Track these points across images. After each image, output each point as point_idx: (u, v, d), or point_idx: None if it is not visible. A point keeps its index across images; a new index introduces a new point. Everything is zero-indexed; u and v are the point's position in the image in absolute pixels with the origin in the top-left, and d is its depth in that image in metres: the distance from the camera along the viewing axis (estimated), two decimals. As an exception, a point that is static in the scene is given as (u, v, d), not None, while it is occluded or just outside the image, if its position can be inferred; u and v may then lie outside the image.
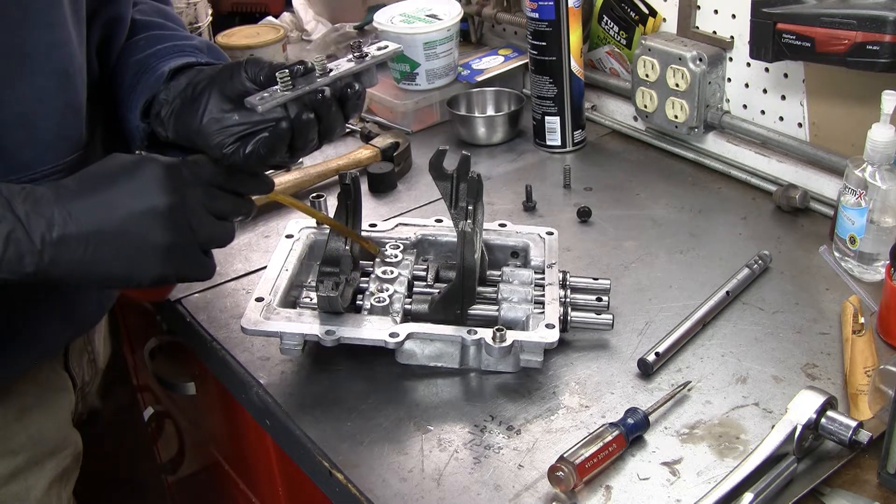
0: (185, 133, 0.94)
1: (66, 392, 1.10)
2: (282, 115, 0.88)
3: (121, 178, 0.84)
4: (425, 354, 1.03)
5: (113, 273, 0.84)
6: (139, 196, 0.83)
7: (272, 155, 0.90)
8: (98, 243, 0.82)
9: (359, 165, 1.49)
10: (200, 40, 1.06)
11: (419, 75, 1.62)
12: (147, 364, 1.48)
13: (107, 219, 0.82)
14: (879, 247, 1.13)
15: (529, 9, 1.48)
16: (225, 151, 0.90)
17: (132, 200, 0.83)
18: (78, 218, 0.81)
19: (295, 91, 0.88)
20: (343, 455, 0.94)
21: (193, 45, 1.02)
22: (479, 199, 1.11)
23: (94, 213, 0.82)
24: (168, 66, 0.97)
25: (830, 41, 1.14)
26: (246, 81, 0.92)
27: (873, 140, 1.10)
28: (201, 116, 0.91)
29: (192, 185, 0.87)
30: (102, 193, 0.83)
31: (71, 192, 0.82)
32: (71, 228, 0.80)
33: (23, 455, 1.02)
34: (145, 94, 0.98)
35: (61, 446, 1.07)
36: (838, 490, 0.87)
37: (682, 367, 1.04)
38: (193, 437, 1.57)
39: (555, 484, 0.88)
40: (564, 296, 1.07)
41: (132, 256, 0.84)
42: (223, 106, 0.91)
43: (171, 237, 0.84)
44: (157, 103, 0.97)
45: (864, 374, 0.97)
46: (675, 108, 1.44)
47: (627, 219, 1.34)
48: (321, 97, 0.88)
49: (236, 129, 0.90)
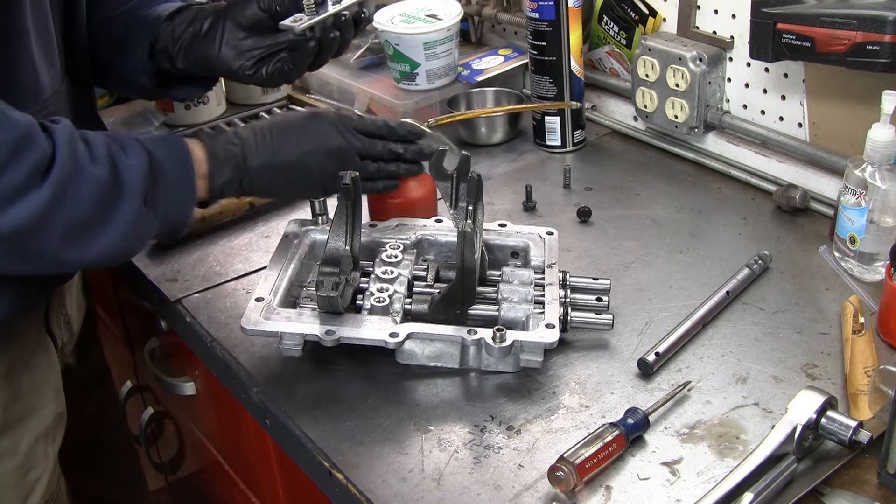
0: (202, 62, 1.13)
1: (49, 352, 1.15)
2: (309, 35, 1.09)
3: (304, 124, 1.09)
4: (425, 354, 1.03)
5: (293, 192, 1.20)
6: (317, 138, 1.09)
7: (297, 71, 1.13)
8: (287, 172, 1.09)
9: (359, 165, 1.48)
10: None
11: (419, 75, 1.62)
12: (147, 364, 1.48)
13: (295, 152, 1.08)
14: (879, 247, 1.13)
15: (529, 9, 1.48)
16: (247, 73, 1.12)
17: (313, 140, 1.08)
18: (276, 152, 1.07)
19: (320, 15, 1.09)
20: (343, 455, 0.94)
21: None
22: (479, 199, 1.11)
23: (287, 149, 1.08)
24: (165, 10, 1.15)
25: (830, 41, 1.14)
26: (259, 11, 1.10)
27: (873, 140, 1.10)
28: (219, 45, 1.11)
29: (354, 134, 1.11)
30: (293, 135, 1.08)
31: (269, 134, 1.08)
32: (271, 159, 1.07)
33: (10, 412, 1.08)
34: (147, 36, 1.14)
35: (47, 406, 1.12)
36: (838, 490, 0.87)
37: (682, 367, 1.04)
38: (193, 437, 1.57)
39: (555, 484, 0.88)
40: (564, 296, 1.07)
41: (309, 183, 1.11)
42: (238, 34, 1.11)
43: (338, 167, 1.08)
44: (161, 40, 1.14)
45: (864, 374, 0.97)
46: (675, 108, 1.44)
47: (627, 219, 1.34)
48: (343, 19, 1.10)
49: (255, 52, 1.11)
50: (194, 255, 1.32)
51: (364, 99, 1.69)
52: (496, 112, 1.57)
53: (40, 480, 1.13)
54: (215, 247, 1.33)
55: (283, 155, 1.08)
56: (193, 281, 1.26)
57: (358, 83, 1.70)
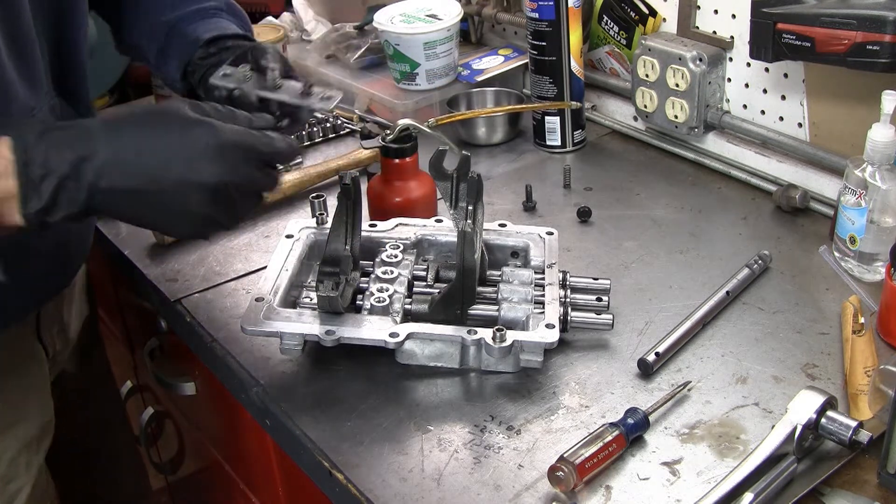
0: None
1: (38, 361, 1.13)
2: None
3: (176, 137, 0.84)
4: (425, 354, 1.03)
5: (153, 225, 0.94)
6: (191, 165, 0.84)
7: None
8: (143, 202, 0.84)
9: (359, 165, 1.49)
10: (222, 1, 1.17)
11: (419, 75, 1.62)
12: (147, 364, 1.48)
13: (157, 179, 0.83)
14: (879, 247, 1.13)
15: (529, 9, 1.48)
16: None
17: (184, 168, 0.83)
18: (128, 171, 0.82)
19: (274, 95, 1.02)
20: (343, 455, 0.94)
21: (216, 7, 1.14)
22: (479, 199, 1.11)
23: (145, 170, 0.83)
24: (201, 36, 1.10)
25: (830, 41, 1.14)
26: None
27: (873, 140, 1.10)
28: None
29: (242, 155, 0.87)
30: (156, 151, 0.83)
31: (125, 139, 0.83)
32: (119, 182, 0.82)
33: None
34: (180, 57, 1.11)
35: (32, 415, 1.09)
36: (838, 490, 0.87)
37: (682, 367, 1.04)
38: (193, 437, 1.57)
39: (555, 484, 0.88)
40: (564, 296, 1.07)
41: (172, 219, 0.87)
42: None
43: (214, 210, 0.86)
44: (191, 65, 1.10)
45: (864, 374, 0.97)
46: (675, 108, 1.44)
47: (627, 219, 1.34)
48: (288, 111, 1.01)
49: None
50: (194, 255, 1.32)
51: (364, 99, 1.69)
52: (496, 112, 1.57)
53: (21, 491, 1.09)
54: (215, 247, 1.33)
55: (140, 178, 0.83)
56: (193, 281, 1.26)
57: (358, 83, 1.70)
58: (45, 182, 0.79)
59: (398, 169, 1.23)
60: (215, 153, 0.84)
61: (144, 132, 0.84)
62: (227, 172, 0.85)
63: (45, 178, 0.79)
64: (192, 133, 0.84)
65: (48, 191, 0.79)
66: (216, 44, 1.10)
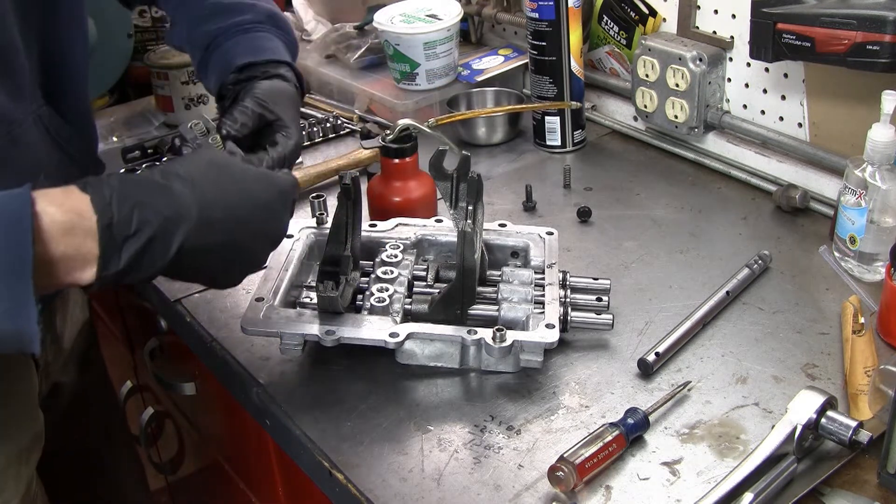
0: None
1: (28, 373, 1.08)
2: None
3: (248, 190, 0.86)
4: (425, 354, 1.03)
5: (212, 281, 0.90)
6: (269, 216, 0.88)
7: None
8: (219, 257, 0.85)
9: (359, 165, 1.49)
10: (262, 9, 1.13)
11: (419, 75, 1.62)
12: (147, 364, 1.48)
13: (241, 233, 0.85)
14: (879, 247, 1.13)
15: (529, 9, 1.48)
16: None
17: (262, 220, 0.87)
18: (215, 228, 0.82)
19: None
20: (343, 455, 0.94)
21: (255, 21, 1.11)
22: (479, 199, 1.11)
23: (231, 226, 0.84)
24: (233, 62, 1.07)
25: (830, 41, 1.14)
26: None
27: (873, 140, 1.10)
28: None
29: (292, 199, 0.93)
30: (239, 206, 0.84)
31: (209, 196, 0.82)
32: (205, 241, 0.81)
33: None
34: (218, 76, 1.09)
35: (21, 427, 1.06)
36: (838, 490, 0.87)
37: (682, 367, 1.04)
38: (193, 437, 1.57)
39: (555, 484, 0.88)
40: (564, 296, 1.07)
41: (237, 270, 0.90)
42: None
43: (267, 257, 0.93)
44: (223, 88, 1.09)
45: (864, 374, 0.97)
46: (675, 108, 1.44)
47: (627, 219, 1.34)
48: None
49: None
50: (194, 255, 1.31)
51: (364, 99, 1.69)
52: (496, 112, 1.57)
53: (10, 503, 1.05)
54: (215, 247, 1.33)
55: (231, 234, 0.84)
56: (193, 281, 1.26)
57: (358, 83, 1.70)
58: (130, 242, 0.75)
59: (398, 169, 1.23)
60: (280, 203, 0.89)
61: (222, 188, 0.83)
62: (287, 219, 0.92)
63: (130, 239, 0.75)
64: (263, 188, 0.87)
65: (131, 252, 0.75)
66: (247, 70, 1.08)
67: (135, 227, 0.75)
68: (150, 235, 0.76)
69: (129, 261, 0.75)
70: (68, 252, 0.72)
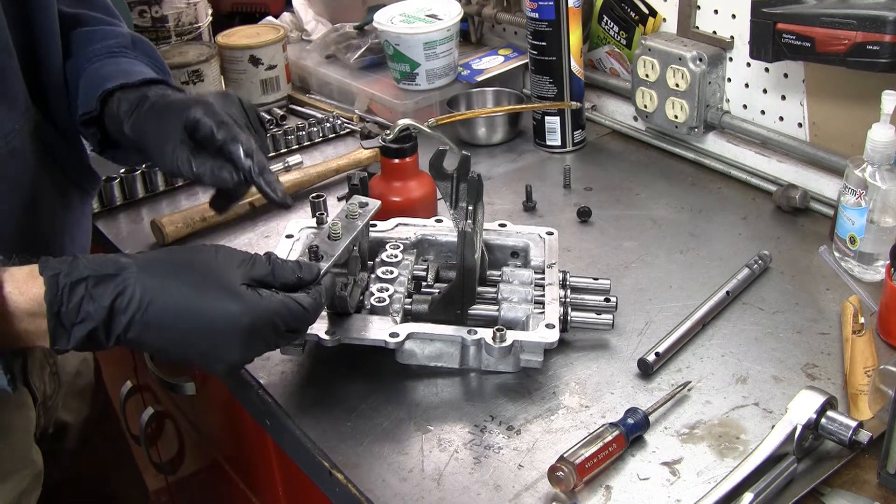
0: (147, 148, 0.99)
1: (25, 409, 1.05)
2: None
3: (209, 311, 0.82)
4: (425, 354, 1.03)
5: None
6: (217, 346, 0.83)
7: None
8: (169, 354, 0.85)
9: (359, 165, 1.49)
10: (123, 35, 1.09)
11: (419, 75, 1.62)
12: (147, 364, 1.48)
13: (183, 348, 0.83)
14: (879, 247, 1.13)
15: (529, 9, 1.48)
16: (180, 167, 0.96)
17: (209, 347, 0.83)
18: (157, 334, 0.82)
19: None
20: (343, 455, 0.94)
21: (121, 45, 1.07)
22: (479, 199, 1.11)
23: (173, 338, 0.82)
24: (102, 89, 1.00)
25: (830, 41, 1.14)
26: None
27: (873, 140, 1.10)
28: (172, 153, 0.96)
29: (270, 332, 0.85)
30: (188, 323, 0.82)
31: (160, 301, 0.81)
32: (147, 340, 0.82)
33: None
34: (85, 107, 1.01)
35: (19, 467, 1.03)
36: (838, 490, 0.87)
37: (682, 367, 1.04)
38: (193, 437, 1.57)
39: (555, 484, 0.88)
40: (564, 296, 1.07)
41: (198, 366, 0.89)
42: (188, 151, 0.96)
43: (247, 355, 0.86)
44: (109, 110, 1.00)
45: (864, 374, 0.97)
46: (675, 108, 1.44)
47: (627, 219, 1.34)
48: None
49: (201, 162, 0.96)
50: (194, 255, 1.31)
51: (364, 99, 1.69)
52: (496, 112, 1.57)
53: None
54: (215, 247, 1.33)
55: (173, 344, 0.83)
56: (193, 281, 1.25)
57: (358, 83, 1.70)
58: (77, 328, 0.80)
59: (398, 169, 1.23)
60: (242, 338, 0.83)
61: (179, 297, 0.82)
62: (249, 354, 0.86)
63: (77, 326, 0.80)
64: (225, 311, 0.82)
65: (78, 336, 0.80)
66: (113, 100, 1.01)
67: (80, 317, 0.80)
68: (94, 326, 0.80)
69: (77, 342, 0.80)
70: (29, 328, 0.80)
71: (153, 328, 0.81)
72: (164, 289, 0.82)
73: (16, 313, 0.79)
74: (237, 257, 0.87)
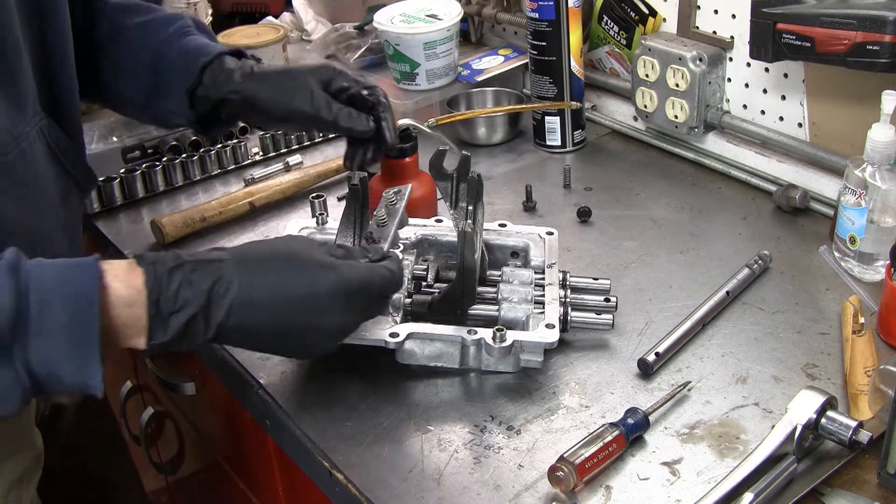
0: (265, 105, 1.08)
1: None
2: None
3: (306, 283, 0.86)
4: (425, 354, 1.03)
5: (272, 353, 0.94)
6: (319, 313, 0.87)
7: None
8: (268, 338, 0.87)
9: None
10: (185, 17, 1.16)
11: (419, 75, 1.62)
12: (147, 364, 1.48)
13: (285, 322, 0.86)
14: (879, 247, 1.13)
15: (529, 9, 1.48)
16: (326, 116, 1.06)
17: (312, 316, 0.86)
18: (258, 313, 0.84)
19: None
20: (343, 455, 0.94)
21: (188, 26, 1.14)
22: (479, 199, 1.11)
23: (275, 313, 0.85)
24: (198, 65, 1.09)
25: (830, 41, 1.14)
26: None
27: (873, 140, 1.10)
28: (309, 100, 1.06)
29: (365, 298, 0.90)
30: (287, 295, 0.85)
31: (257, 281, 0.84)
32: (247, 322, 0.84)
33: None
34: (183, 87, 1.09)
35: (20, 448, 1.04)
36: (838, 490, 0.87)
37: (682, 367, 1.04)
38: (193, 437, 1.57)
39: (555, 484, 0.88)
40: (564, 296, 1.07)
41: (293, 351, 0.94)
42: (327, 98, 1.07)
43: (349, 321, 0.90)
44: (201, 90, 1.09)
45: (864, 374, 0.97)
46: (675, 108, 1.44)
47: (627, 219, 1.34)
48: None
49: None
50: (194, 255, 1.31)
51: (364, 99, 1.69)
52: (496, 112, 1.57)
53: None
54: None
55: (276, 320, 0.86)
56: (193, 281, 1.25)
57: (358, 83, 1.70)
58: (175, 317, 0.80)
59: (398, 169, 1.23)
60: (342, 302, 0.87)
61: (276, 275, 0.85)
62: (350, 319, 0.90)
63: (175, 315, 0.80)
64: (322, 280, 0.86)
65: (176, 326, 0.81)
66: (215, 66, 1.09)
67: (179, 304, 0.81)
68: (193, 312, 0.81)
69: (174, 333, 0.81)
70: (127, 322, 0.79)
71: (255, 309, 0.83)
72: (260, 270, 0.85)
73: (116, 303, 0.78)
74: (313, 241, 0.93)
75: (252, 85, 1.08)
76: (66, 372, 0.76)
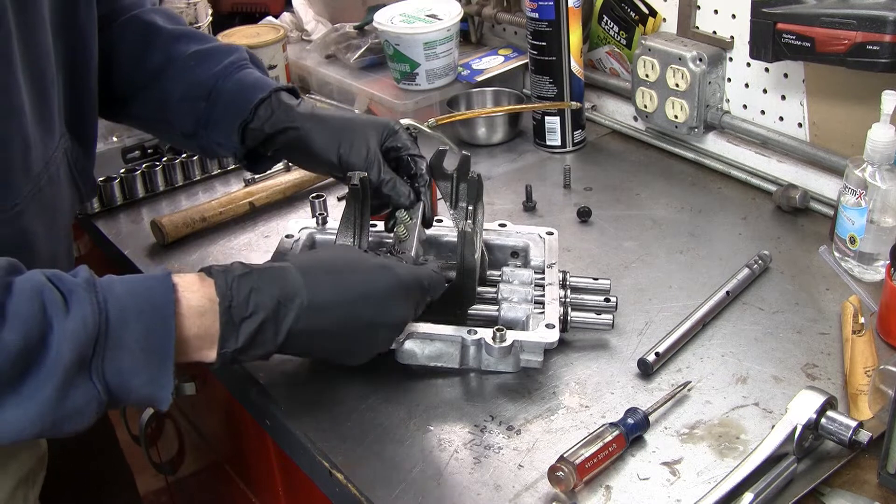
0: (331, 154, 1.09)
1: None
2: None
3: (365, 282, 0.91)
4: (425, 354, 1.03)
5: (335, 358, 0.97)
6: (382, 308, 0.92)
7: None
8: (333, 340, 0.91)
9: (359, 165, 1.49)
10: (241, 49, 1.16)
11: (419, 75, 1.62)
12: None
13: (351, 320, 0.90)
14: (879, 247, 1.13)
15: (529, 9, 1.48)
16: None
17: (375, 311, 0.91)
18: (325, 314, 0.88)
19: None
20: (343, 455, 0.94)
21: (244, 59, 1.14)
22: (479, 199, 1.11)
23: (341, 312, 0.89)
24: (252, 98, 1.09)
25: (830, 41, 1.14)
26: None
27: (873, 140, 1.10)
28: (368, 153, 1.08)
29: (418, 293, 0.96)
30: (350, 295, 0.90)
31: (322, 284, 0.89)
32: (316, 324, 0.88)
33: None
34: (236, 119, 1.09)
35: (24, 448, 1.04)
36: (838, 490, 0.87)
37: (682, 367, 1.04)
38: (193, 437, 1.57)
39: (555, 484, 0.88)
40: (564, 296, 1.07)
41: (357, 352, 0.95)
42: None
43: (409, 313, 0.96)
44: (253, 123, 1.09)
45: (864, 374, 0.97)
46: (675, 108, 1.44)
47: (627, 219, 1.34)
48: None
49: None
50: (194, 255, 1.32)
51: (364, 99, 1.69)
52: (496, 112, 1.57)
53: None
54: (215, 246, 1.33)
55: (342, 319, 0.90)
56: (193, 281, 1.25)
57: (358, 83, 1.70)
58: (246, 323, 0.83)
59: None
60: (400, 295, 0.93)
61: (338, 277, 0.90)
62: (406, 313, 0.95)
63: (246, 320, 0.83)
64: (379, 279, 0.92)
65: (247, 332, 0.83)
66: (272, 101, 1.10)
67: (251, 310, 0.84)
68: (264, 317, 0.84)
69: (246, 340, 0.84)
70: (199, 333, 0.82)
71: (322, 311, 0.87)
72: (323, 274, 0.90)
73: (188, 314, 0.81)
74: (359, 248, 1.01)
75: (311, 124, 1.09)
76: (138, 384, 0.78)
